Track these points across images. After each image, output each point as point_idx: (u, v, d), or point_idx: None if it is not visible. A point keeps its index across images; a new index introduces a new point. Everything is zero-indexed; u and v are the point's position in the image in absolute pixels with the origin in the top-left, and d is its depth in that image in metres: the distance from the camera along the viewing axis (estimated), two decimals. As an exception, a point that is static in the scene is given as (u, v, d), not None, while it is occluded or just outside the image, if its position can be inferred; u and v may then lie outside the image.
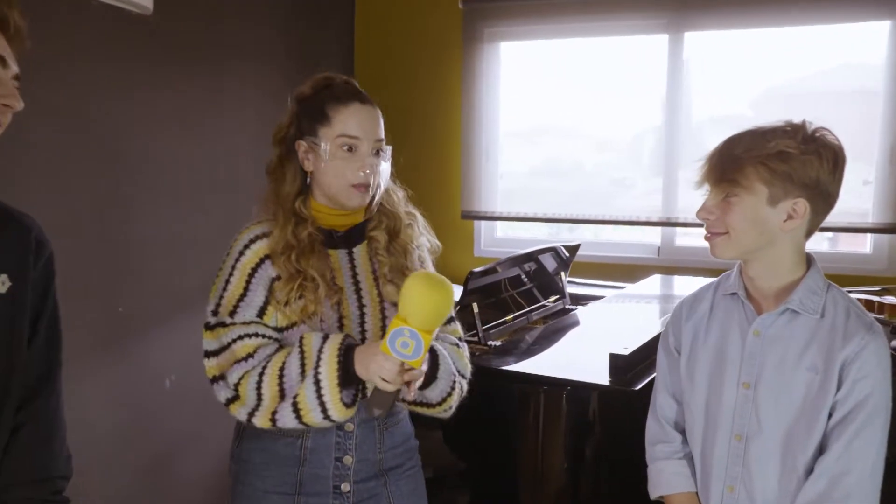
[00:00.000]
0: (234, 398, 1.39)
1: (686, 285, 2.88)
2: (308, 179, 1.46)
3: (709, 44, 3.30)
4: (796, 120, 1.29)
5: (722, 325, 1.35)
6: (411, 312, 1.27)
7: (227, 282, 1.42)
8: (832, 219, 1.32)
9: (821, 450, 1.24)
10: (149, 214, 2.57)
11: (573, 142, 3.60)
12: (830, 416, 1.23)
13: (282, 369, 1.35)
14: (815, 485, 1.21)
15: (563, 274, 2.78)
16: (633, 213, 3.38)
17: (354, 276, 1.47)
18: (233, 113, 2.93)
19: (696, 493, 1.38)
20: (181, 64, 2.66)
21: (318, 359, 1.33)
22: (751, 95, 3.39)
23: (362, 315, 1.46)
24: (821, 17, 3.10)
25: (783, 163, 1.21)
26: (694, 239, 3.38)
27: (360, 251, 1.50)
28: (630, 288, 2.80)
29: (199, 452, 2.83)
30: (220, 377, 1.41)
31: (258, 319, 1.41)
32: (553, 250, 2.73)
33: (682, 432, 1.42)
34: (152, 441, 2.63)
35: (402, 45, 3.65)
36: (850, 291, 2.44)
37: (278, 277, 1.40)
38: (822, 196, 1.24)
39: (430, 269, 1.56)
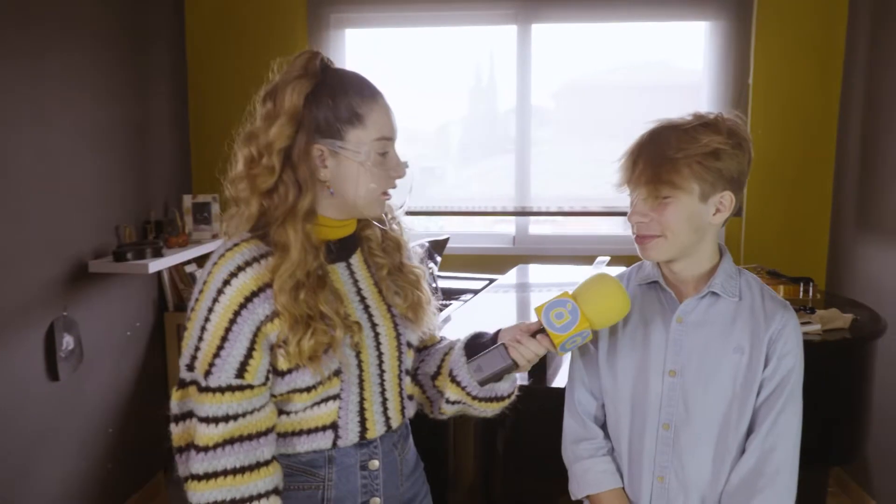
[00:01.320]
0: (205, 478, 1.13)
1: (553, 273, 2.95)
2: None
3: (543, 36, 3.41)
4: (702, 111, 1.28)
5: (642, 315, 1.34)
6: (587, 294, 1.20)
7: (203, 329, 1.13)
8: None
9: (749, 427, 1.28)
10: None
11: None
12: (759, 394, 1.27)
13: None
14: (747, 462, 1.25)
15: (433, 269, 2.71)
16: (486, 204, 3.42)
17: (359, 291, 1.27)
18: (51, 101, 2.53)
19: (623, 487, 1.36)
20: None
21: None
22: (575, 86, 3.56)
23: (377, 336, 1.26)
24: (648, 15, 3.31)
25: (717, 160, 1.21)
26: (547, 227, 3.48)
27: (357, 261, 1.29)
28: (501, 279, 2.80)
29: None
30: (182, 450, 1.16)
31: (238, 381, 1.13)
32: (420, 245, 2.66)
33: (602, 427, 1.40)
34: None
35: (242, 29, 3.39)
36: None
37: (274, 315, 1.14)
38: (741, 185, 1.27)
39: (416, 260, 1.39)
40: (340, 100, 1.17)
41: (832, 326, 2.16)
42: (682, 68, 3.49)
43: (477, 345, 1.31)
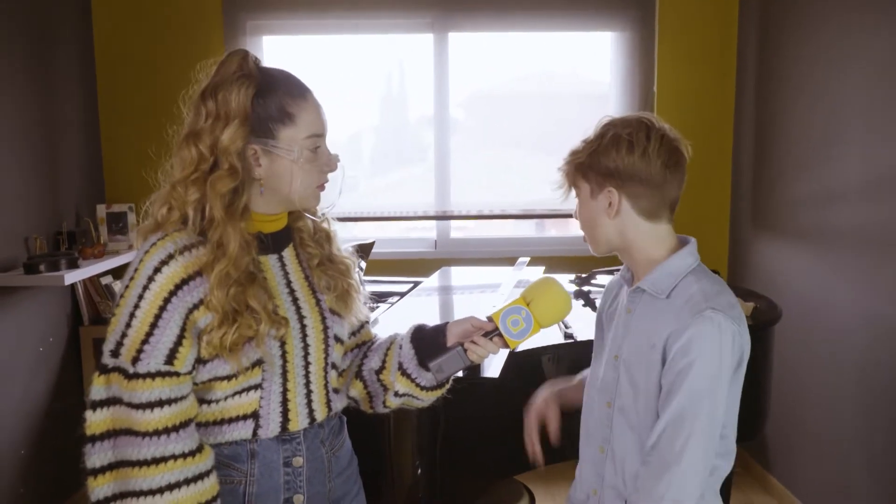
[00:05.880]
0: (105, 470, 1.14)
1: (474, 275, 3.03)
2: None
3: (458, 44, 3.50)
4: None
5: (616, 300, 1.46)
6: (538, 300, 1.30)
7: (132, 315, 1.14)
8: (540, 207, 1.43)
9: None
10: None
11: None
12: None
13: None
14: (645, 456, 1.30)
15: (359, 273, 2.74)
16: (403, 211, 3.49)
17: (289, 283, 1.30)
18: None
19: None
20: None
21: None
22: (488, 94, 3.67)
23: (303, 328, 1.28)
24: (558, 25, 3.46)
25: (586, 157, 1.31)
26: (467, 231, 3.57)
27: (289, 253, 1.32)
28: (426, 282, 2.85)
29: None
30: (105, 436, 1.15)
31: (167, 367, 1.15)
32: (351, 247, 2.69)
33: None
34: None
35: (155, 35, 3.32)
36: (600, 272, 2.86)
37: (201, 303, 1.16)
38: (636, 180, 1.29)
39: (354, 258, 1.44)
40: (271, 99, 1.21)
41: (735, 316, 2.32)
42: (590, 78, 3.66)
43: (423, 338, 1.37)
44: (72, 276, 2.62)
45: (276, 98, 1.21)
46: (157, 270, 1.15)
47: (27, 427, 2.75)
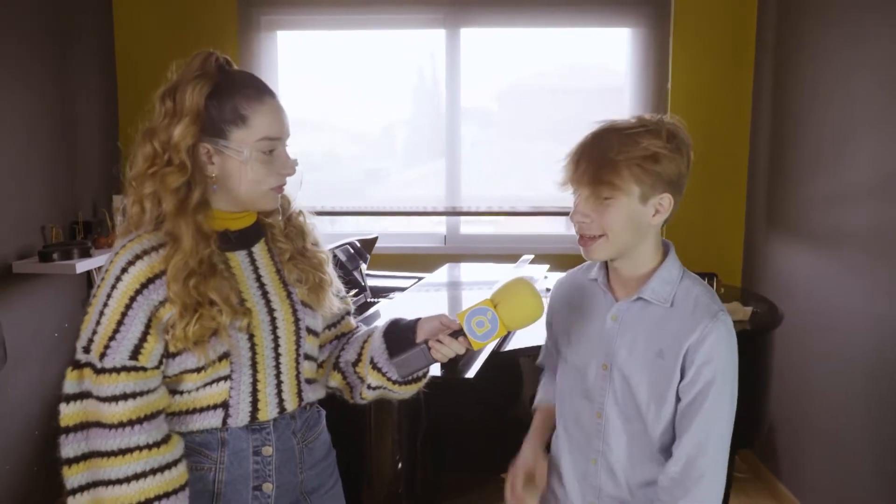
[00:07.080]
0: (79, 460, 1.20)
1: (479, 271, 3.04)
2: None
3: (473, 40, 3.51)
4: (648, 115, 1.31)
5: (590, 308, 1.40)
6: (506, 302, 1.27)
7: (101, 313, 1.20)
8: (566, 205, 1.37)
9: (675, 431, 1.31)
10: None
11: (332, 134, 3.63)
12: (680, 400, 1.28)
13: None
14: (674, 467, 1.27)
15: (361, 268, 2.77)
16: (417, 204, 3.50)
17: (258, 278, 1.33)
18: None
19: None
20: None
21: None
22: (504, 89, 3.67)
23: (273, 320, 1.31)
24: (573, 21, 3.44)
25: (656, 163, 1.24)
26: (478, 227, 3.57)
27: (259, 249, 1.35)
28: (428, 277, 2.88)
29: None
30: (78, 427, 1.20)
31: (132, 363, 1.19)
32: (350, 244, 2.72)
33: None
34: None
35: (172, 30, 3.39)
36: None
37: (165, 300, 1.21)
38: (680, 188, 1.29)
39: (321, 246, 1.46)
40: (226, 101, 1.24)
41: (734, 319, 2.30)
42: (604, 74, 3.63)
43: (396, 332, 1.38)
44: (83, 265, 2.70)
45: (231, 99, 1.24)
46: (124, 271, 1.19)
47: (42, 409, 2.85)
